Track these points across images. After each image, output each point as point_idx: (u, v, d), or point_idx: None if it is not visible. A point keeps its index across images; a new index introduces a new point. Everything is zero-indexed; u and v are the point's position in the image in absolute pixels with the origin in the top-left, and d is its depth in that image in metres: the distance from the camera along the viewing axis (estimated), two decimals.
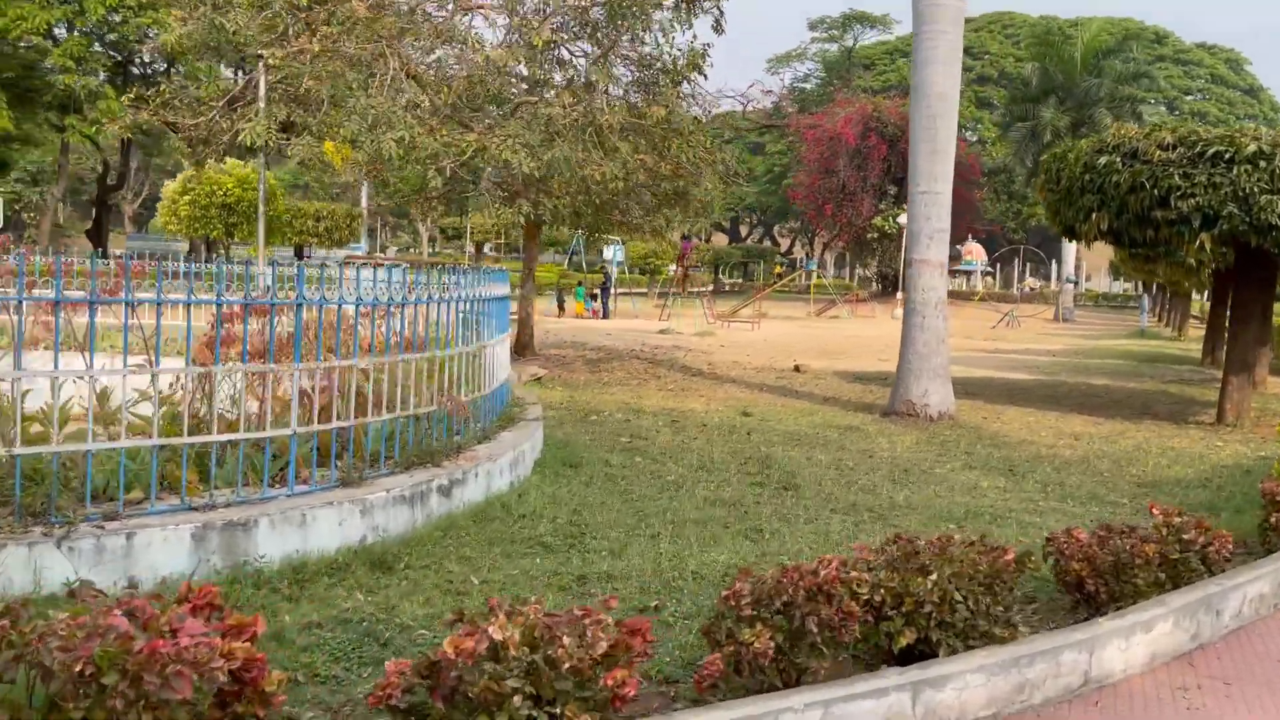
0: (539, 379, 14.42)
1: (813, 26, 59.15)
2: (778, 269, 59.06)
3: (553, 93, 13.60)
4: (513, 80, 14.47)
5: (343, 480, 5.58)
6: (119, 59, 30.32)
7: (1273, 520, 6.62)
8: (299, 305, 5.50)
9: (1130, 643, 4.49)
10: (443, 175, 12.91)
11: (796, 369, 17.94)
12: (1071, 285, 44.75)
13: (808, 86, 61.47)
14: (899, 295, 43.39)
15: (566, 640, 3.42)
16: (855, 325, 35.57)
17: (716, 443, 9.89)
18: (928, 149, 11.98)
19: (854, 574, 4.42)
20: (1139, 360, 23.13)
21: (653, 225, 15.33)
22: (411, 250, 74.94)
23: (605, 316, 32.80)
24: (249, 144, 12.53)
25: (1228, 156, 10.75)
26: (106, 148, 39.75)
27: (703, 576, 5.37)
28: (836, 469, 8.87)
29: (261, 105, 13.64)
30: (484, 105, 14.49)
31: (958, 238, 55.60)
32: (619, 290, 39.19)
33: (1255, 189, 10.56)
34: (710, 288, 36.42)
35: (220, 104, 13.29)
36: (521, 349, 18.36)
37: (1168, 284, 29.24)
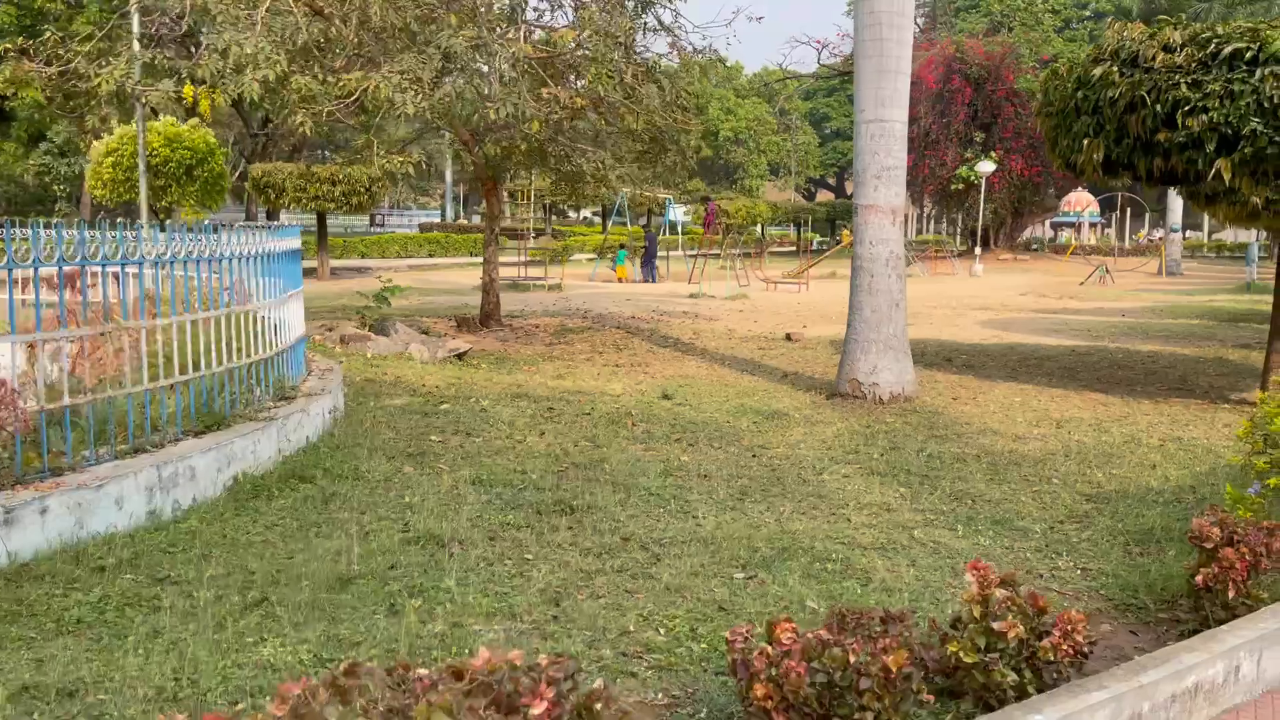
0: (461, 355, 12.67)
1: None
2: (844, 232, 55.69)
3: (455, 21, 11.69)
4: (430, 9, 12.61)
5: None
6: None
7: (1202, 576, 4.38)
8: None
9: None
10: (317, 121, 11.20)
11: (789, 338, 15.72)
12: (1176, 235, 40.46)
13: None
14: (977, 251, 40.13)
15: None
16: (924, 285, 32.63)
17: (565, 438, 7.95)
18: (873, 67, 9.61)
19: None
20: (1222, 320, 19.95)
21: (602, 177, 13.26)
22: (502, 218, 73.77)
23: (651, 280, 30.46)
24: (104, 90, 11.09)
25: (1249, 56, 8.14)
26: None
27: (206, 696, 3.52)
28: (680, 478, 6.84)
29: (136, 48, 12.20)
30: (393, 40, 12.70)
31: (1060, 188, 51.43)
32: (667, 252, 37.00)
33: None
34: (741, 249, 33.53)
35: (87, 49, 11.84)
36: (486, 319, 16.69)
37: (1268, 230, 25.46)
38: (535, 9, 12.96)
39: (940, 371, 12.07)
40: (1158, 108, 8.58)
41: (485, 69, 11.31)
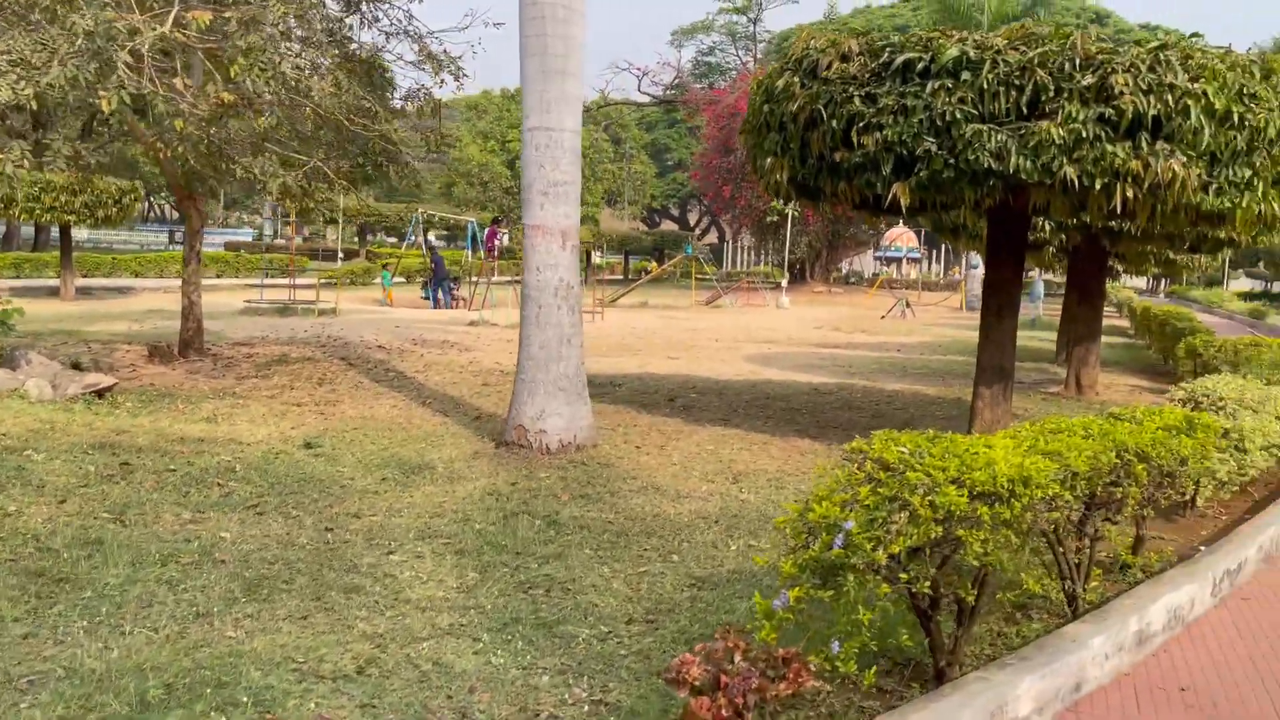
0: (101, 392, 10.70)
1: None
2: (645, 262, 55.27)
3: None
4: None
5: None
6: None
7: None
8: None
9: None
10: None
11: None
12: (976, 271, 41.50)
13: (712, 60, 57.82)
14: (783, 283, 40.14)
15: None
16: (726, 316, 32.11)
17: (91, 505, 6.28)
18: (536, 67, 8.35)
19: None
20: None
21: (278, 186, 11.49)
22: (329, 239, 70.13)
23: (446, 305, 28.50)
24: None
25: (921, 68, 7.25)
26: None
27: None
28: (180, 568, 5.28)
29: None
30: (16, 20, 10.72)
31: (872, 222, 52.43)
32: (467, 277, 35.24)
33: (958, 114, 7.06)
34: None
35: None
36: (184, 347, 14.67)
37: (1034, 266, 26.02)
38: None
39: (651, 414, 10.90)
40: (834, 123, 7.61)
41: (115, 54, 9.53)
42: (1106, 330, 28.11)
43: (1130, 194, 6.98)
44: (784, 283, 38.84)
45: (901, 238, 57.39)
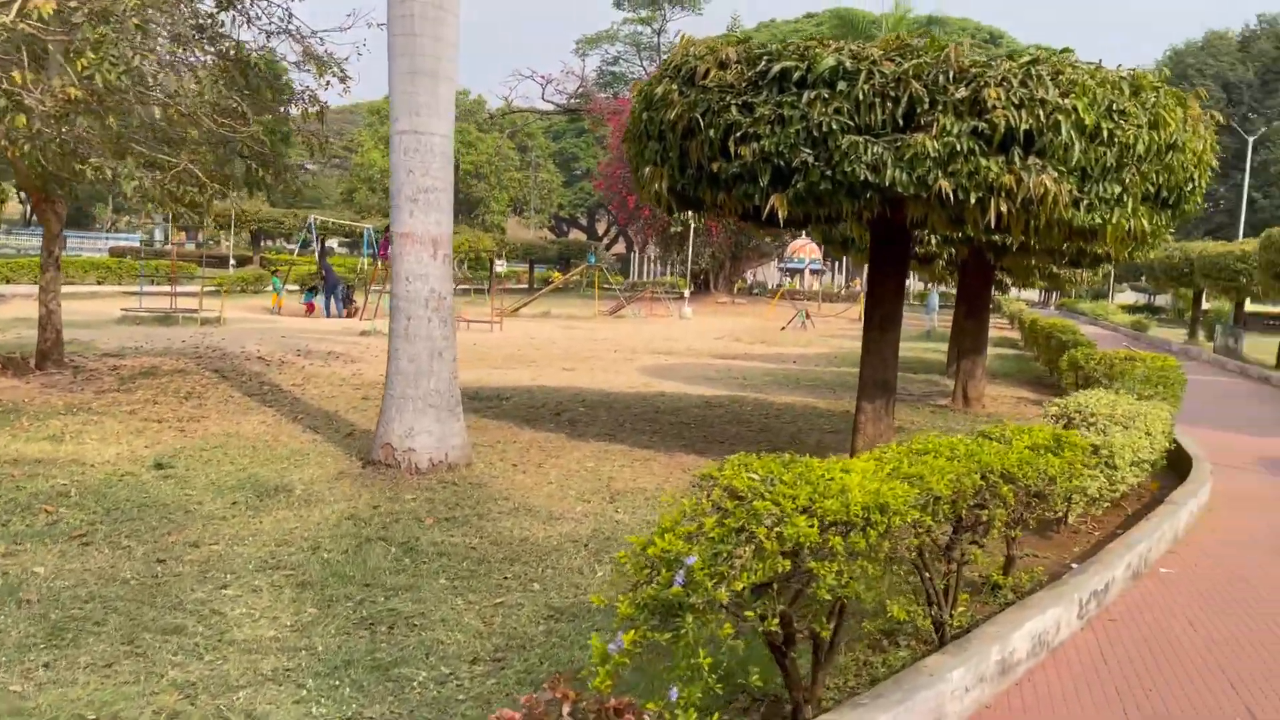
0: None
1: (618, 4, 55.13)
2: (550, 271, 54.92)
3: None
4: None
5: None
6: None
7: None
8: None
9: None
10: None
11: None
12: None
13: (616, 69, 57.77)
14: (686, 294, 40.14)
15: None
16: (627, 326, 31.94)
17: None
18: (405, 67, 7.96)
19: None
20: None
21: (132, 187, 10.78)
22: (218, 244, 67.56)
23: (338, 314, 27.69)
24: None
25: (798, 77, 7.10)
26: None
27: None
28: None
29: None
30: None
31: (774, 234, 53.00)
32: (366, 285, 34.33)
33: (834, 125, 6.92)
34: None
35: None
36: (42, 358, 13.78)
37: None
38: None
39: (534, 429, 10.56)
40: (712, 133, 7.41)
41: None
42: (999, 342, 28.83)
43: (1004, 208, 6.93)
44: (687, 293, 38.85)
45: (805, 249, 58.23)
